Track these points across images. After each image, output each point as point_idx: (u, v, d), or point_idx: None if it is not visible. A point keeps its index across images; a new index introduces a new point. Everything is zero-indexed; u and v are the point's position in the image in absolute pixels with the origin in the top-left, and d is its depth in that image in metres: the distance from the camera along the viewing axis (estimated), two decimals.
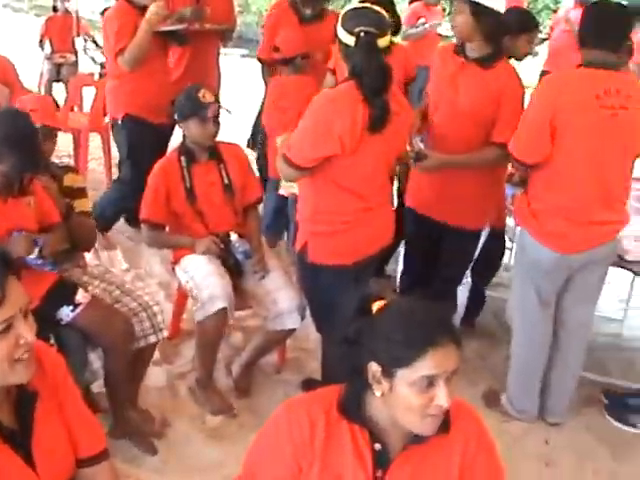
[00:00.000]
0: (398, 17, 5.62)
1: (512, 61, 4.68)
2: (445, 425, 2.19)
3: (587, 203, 4.02)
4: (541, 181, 4.08)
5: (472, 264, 4.93)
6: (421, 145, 4.58)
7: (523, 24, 4.88)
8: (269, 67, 6.35)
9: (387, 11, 4.92)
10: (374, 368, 2.11)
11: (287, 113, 5.36)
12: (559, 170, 3.99)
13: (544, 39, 9.26)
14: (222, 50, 6.85)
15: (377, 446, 2.21)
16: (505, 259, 5.64)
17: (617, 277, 6.10)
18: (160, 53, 6.04)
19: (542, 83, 4.11)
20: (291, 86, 5.64)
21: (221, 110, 4.43)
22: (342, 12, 3.77)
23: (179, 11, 6.05)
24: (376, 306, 2.18)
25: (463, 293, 4.79)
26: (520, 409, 4.52)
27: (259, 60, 6.56)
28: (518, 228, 4.39)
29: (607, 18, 3.94)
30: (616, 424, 4.62)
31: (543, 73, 8.11)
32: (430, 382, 2.05)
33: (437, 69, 4.58)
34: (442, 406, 2.07)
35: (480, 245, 4.70)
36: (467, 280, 4.71)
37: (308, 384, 4.53)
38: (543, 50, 9.58)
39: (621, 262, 4.51)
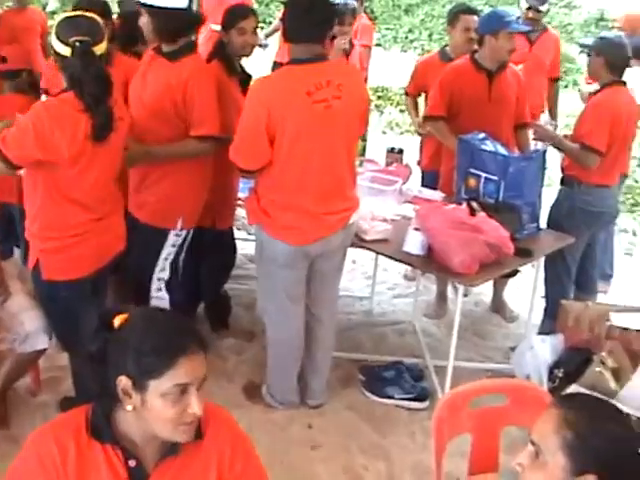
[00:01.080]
0: (113, 23, 5.44)
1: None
2: (198, 432, 2.18)
3: (316, 196, 4.09)
4: (268, 180, 4.10)
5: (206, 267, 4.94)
6: None
7: (225, 20, 4.87)
8: None
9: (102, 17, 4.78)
10: (124, 382, 2.06)
11: None
12: (284, 169, 4.03)
13: (275, 30, 9.35)
14: None
15: (131, 463, 2.16)
16: (248, 251, 5.68)
17: (361, 257, 6.32)
18: None
19: (252, 88, 4.10)
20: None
21: None
22: (55, 22, 3.64)
23: None
24: (118, 320, 2.14)
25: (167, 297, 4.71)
26: (281, 399, 4.57)
27: None
28: (254, 226, 4.39)
29: (307, 10, 3.96)
30: (375, 398, 4.76)
31: (275, 65, 8.17)
32: (182, 391, 2.04)
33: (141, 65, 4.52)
34: (195, 413, 2.06)
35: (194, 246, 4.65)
36: (161, 294, 4.61)
37: (66, 403, 4.38)
38: (274, 41, 9.67)
39: (361, 242, 4.62)
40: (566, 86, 12.41)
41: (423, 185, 5.88)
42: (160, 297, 4.54)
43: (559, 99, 7.18)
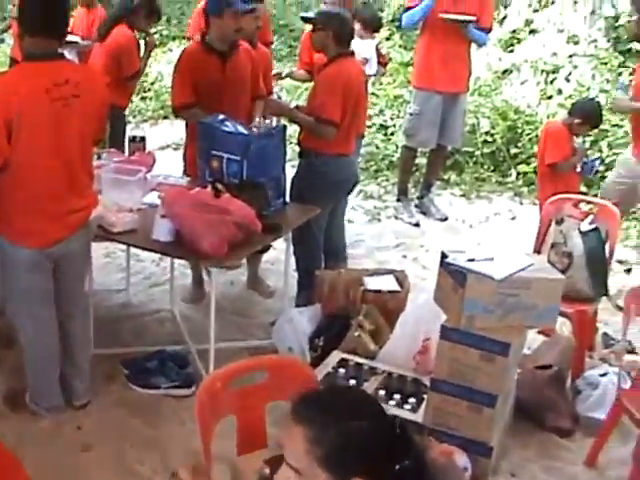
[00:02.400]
0: None
1: None
2: None
3: (57, 195, 4.01)
4: (5, 181, 3.95)
5: None
6: None
7: None
8: None
9: None
10: None
11: None
12: (22, 168, 3.90)
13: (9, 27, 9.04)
14: None
15: None
16: None
17: (115, 249, 6.23)
18: None
19: None
20: None
21: None
22: None
23: None
24: None
25: None
26: (46, 404, 4.43)
27: None
28: None
29: (48, 3, 3.92)
30: (142, 390, 4.72)
31: (12, 61, 7.87)
32: None
33: None
34: None
35: None
36: None
37: None
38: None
39: (110, 235, 4.55)
40: None
41: None
42: None
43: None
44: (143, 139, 5.81)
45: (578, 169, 6.26)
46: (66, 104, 3.89)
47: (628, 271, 6.78)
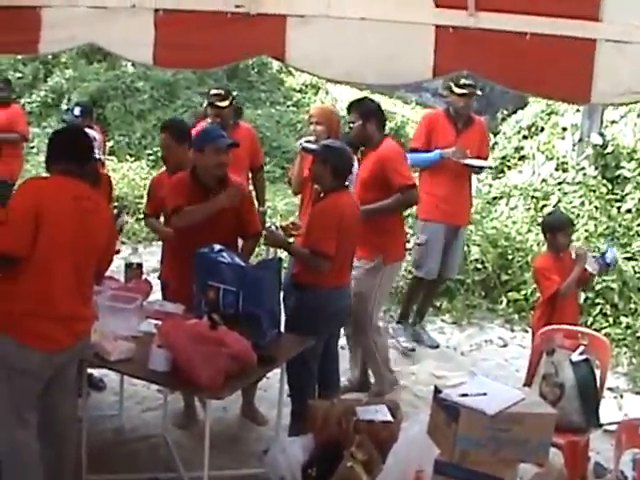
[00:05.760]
0: None
1: None
2: None
3: (69, 300, 4.18)
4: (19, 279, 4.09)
5: None
6: None
7: None
8: None
9: None
10: None
11: None
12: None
13: None
14: None
15: None
16: None
17: (107, 373, 6.20)
18: None
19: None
20: None
21: None
22: None
23: None
24: None
25: None
26: None
27: None
28: None
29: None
30: None
31: None
32: None
33: None
34: None
35: None
36: None
37: None
38: None
39: (106, 363, 4.61)
40: None
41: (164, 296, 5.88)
42: None
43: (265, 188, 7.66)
44: (140, 266, 5.83)
45: (592, 270, 6.08)
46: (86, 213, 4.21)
47: None
